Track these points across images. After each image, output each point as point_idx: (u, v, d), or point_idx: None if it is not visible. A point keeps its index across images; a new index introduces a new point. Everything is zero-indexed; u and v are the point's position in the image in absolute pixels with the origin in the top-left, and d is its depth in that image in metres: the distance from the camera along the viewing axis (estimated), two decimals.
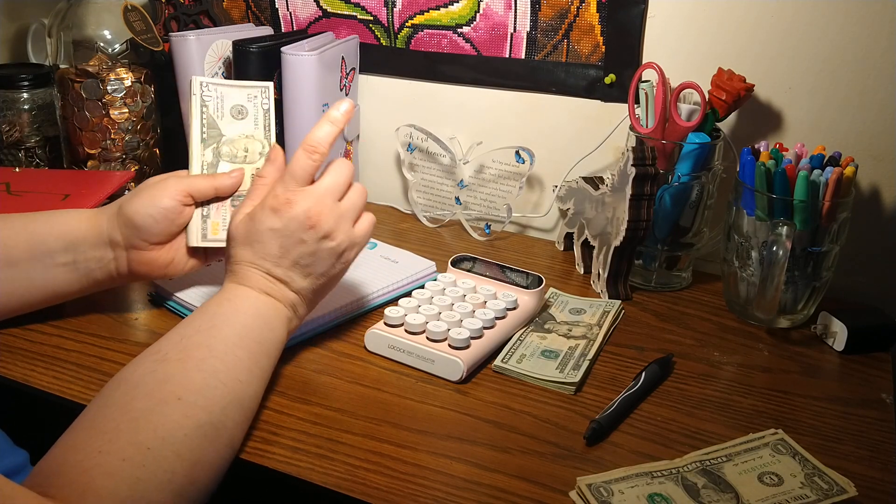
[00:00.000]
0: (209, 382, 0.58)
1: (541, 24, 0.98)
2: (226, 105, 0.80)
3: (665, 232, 0.89)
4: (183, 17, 1.17)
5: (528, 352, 0.75)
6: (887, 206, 0.89)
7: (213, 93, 0.79)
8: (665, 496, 0.57)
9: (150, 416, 0.54)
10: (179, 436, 0.54)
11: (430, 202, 1.08)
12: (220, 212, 0.76)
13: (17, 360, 0.71)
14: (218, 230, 0.75)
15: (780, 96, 0.90)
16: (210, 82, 0.79)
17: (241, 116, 0.79)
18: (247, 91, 0.80)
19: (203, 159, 0.78)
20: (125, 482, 0.49)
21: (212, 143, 0.78)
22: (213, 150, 0.78)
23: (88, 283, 0.74)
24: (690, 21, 0.91)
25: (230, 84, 0.80)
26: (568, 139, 1.02)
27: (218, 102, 0.79)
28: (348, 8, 1.07)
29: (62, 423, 0.54)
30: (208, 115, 0.79)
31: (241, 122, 0.79)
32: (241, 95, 0.80)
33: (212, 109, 0.79)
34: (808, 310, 0.83)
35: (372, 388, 0.70)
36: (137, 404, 0.55)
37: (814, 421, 0.68)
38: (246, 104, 0.80)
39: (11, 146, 1.11)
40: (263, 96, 0.81)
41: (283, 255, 0.66)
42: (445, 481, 0.58)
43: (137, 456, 0.51)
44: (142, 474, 0.50)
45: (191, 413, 0.55)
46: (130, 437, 0.52)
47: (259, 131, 0.79)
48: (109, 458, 0.50)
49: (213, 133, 0.79)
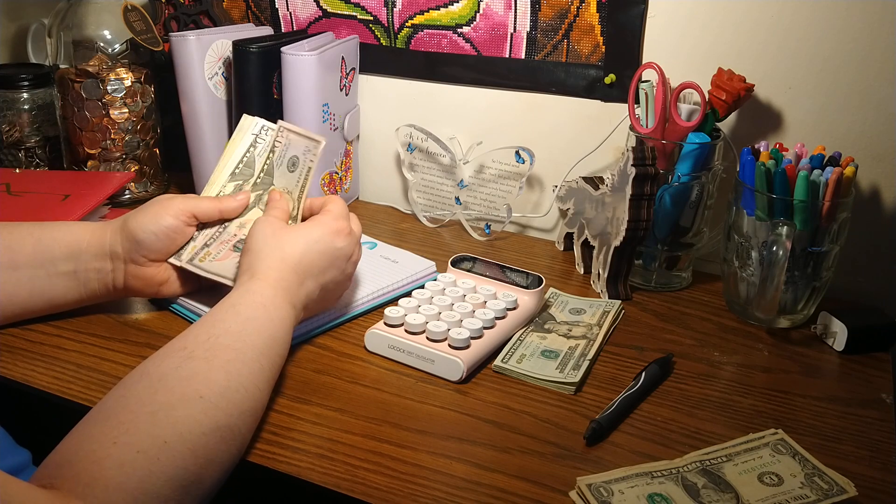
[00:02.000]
0: (232, 385, 0.58)
1: (541, 24, 0.98)
2: (288, 153, 0.79)
3: (665, 232, 0.89)
4: (183, 17, 1.17)
5: (528, 352, 0.75)
6: (887, 206, 0.89)
7: (284, 139, 0.78)
8: (665, 496, 0.57)
9: (171, 410, 0.54)
10: (197, 433, 0.54)
11: (430, 202, 1.08)
12: (218, 247, 0.76)
13: (17, 360, 0.71)
14: (206, 259, 0.75)
15: (780, 96, 0.90)
16: (287, 128, 0.77)
17: (293, 169, 0.79)
18: (305, 143, 0.78)
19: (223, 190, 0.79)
20: (136, 475, 0.49)
21: (258, 190, 0.79)
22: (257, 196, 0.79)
23: (86, 294, 0.75)
24: (690, 21, 0.91)
25: (299, 131, 0.78)
26: (568, 139, 1.02)
27: (284, 150, 0.78)
28: (348, 8, 1.07)
29: (62, 423, 0.54)
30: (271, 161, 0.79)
31: (291, 175, 0.78)
32: (301, 147, 0.79)
33: (276, 156, 0.79)
34: (808, 310, 0.83)
35: (372, 388, 0.70)
36: (159, 398, 0.55)
37: (814, 421, 0.68)
38: (301, 157, 0.79)
39: (11, 146, 1.11)
40: (313, 152, 0.79)
41: (321, 275, 0.71)
42: (445, 481, 0.58)
43: (153, 449, 0.51)
44: (154, 468, 0.50)
45: (210, 413, 0.55)
46: (148, 430, 0.52)
47: (296, 190, 0.78)
48: (124, 449, 0.50)
49: (265, 180, 0.79)
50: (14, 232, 0.72)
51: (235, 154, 0.79)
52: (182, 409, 0.54)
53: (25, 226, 0.74)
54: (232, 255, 0.76)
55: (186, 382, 0.56)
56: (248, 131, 0.80)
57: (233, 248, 0.76)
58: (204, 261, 0.75)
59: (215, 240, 0.76)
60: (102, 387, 0.67)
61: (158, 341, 0.74)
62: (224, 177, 0.79)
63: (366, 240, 0.95)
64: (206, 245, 0.76)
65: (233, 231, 0.77)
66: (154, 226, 0.73)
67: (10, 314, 0.73)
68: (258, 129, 0.80)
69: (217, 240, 0.76)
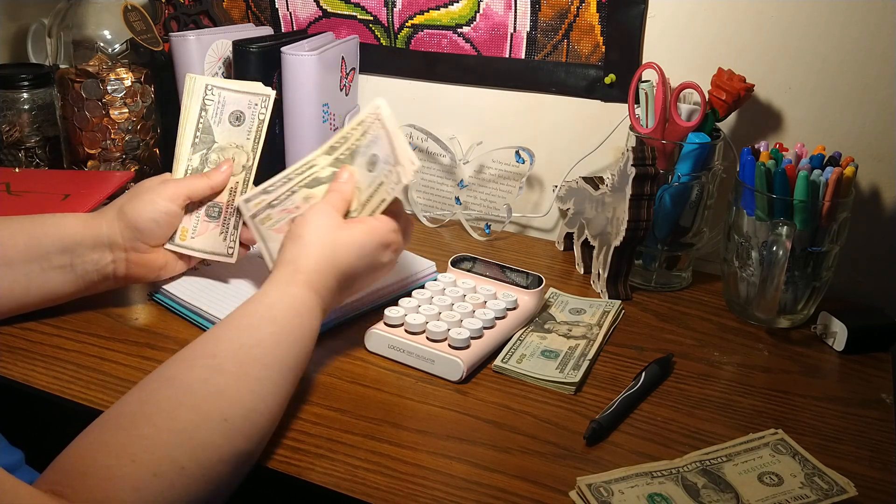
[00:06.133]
0: (258, 408, 0.57)
1: (541, 24, 0.98)
2: (226, 110, 0.77)
3: (665, 232, 0.89)
4: (183, 17, 1.17)
5: (528, 352, 0.75)
6: (887, 206, 0.89)
7: (215, 97, 0.76)
8: (665, 496, 0.57)
9: (194, 432, 0.52)
10: (215, 460, 0.52)
11: (430, 202, 1.08)
12: (190, 218, 0.75)
13: (17, 359, 0.71)
14: (186, 235, 0.74)
15: (780, 96, 0.90)
16: (215, 86, 0.75)
17: (238, 123, 0.77)
18: (249, 97, 0.77)
19: (189, 163, 0.77)
20: (150, 499, 0.48)
21: (202, 149, 0.77)
22: (202, 156, 0.77)
23: (84, 286, 0.74)
24: (690, 21, 0.91)
25: (235, 89, 0.77)
26: (568, 139, 1.02)
27: (218, 107, 0.77)
28: (348, 8, 1.07)
29: (62, 424, 0.54)
30: (206, 119, 0.76)
31: (236, 130, 0.77)
32: (243, 101, 0.77)
33: (210, 114, 0.76)
34: (808, 310, 0.83)
35: (372, 388, 0.70)
36: (183, 414, 0.53)
37: (814, 421, 0.68)
38: (245, 111, 0.77)
39: (11, 146, 1.11)
40: (263, 105, 0.78)
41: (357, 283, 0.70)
42: (445, 481, 0.58)
43: (170, 473, 0.50)
44: (168, 494, 0.49)
45: (232, 439, 0.54)
46: (168, 452, 0.50)
47: (249, 142, 0.77)
48: (141, 469, 0.49)
49: (205, 138, 0.77)
50: (5, 228, 0.72)
51: (189, 124, 0.76)
52: (205, 432, 0.53)
53: (16, 221, 0.73)
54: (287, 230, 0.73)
55: (213, 400, 0.55)
56: (197, 95, 0.77)
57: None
58: (264, 223, 0.74)
59: (279, 203, 0.74)
60: (103, 387, 0.67)
61: (158, 341, 0.74)
62: (186, 151, 0.77)
63: None
64: (270, 205, 0.74)
65: (297, 201, 0.74)
66: (153, 213, 0.73)
67: (6, 309, 0.73)
68: (202, 90, 0.77)
69: (281, 204, 0.74)
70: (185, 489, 0.50)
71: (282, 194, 0.74)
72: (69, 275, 0.73)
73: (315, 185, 0.74)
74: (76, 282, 0.74)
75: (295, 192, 0.74)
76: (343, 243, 0.67)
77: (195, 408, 0.54)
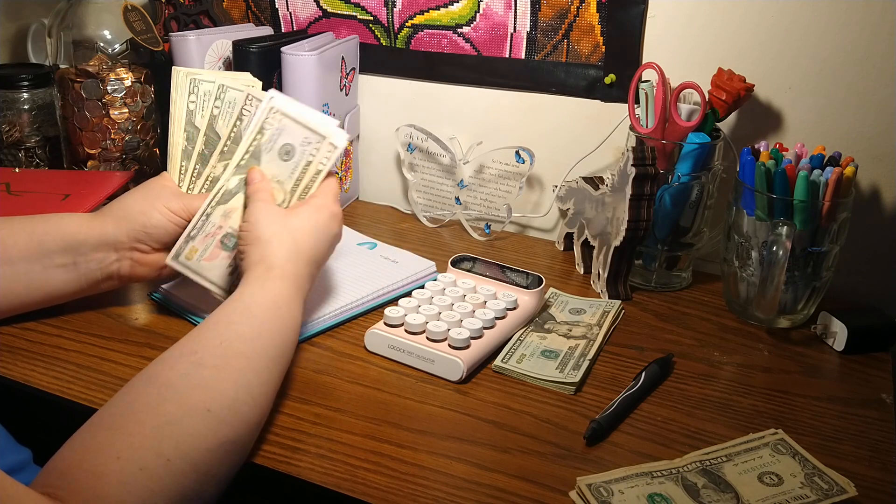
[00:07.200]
0: (241, 397, 0.57)
1: (541, 24, 0.98)
2: (280, 140, 0.72)
3: (665, 232, 0.89)
4: (183, 17, 1.17)
5: (528, 352, 0.75)
6: (887, 206, 0.89)
7: (275, 123, 0.71)
8: (665, 496, 0.57)
9: (177, 425, 0.53)
10: (202, 450, 0.53)
11: (430, 202, 1.08)
12: (204, 241, 0.73)
13: (17, 360, 0.71)
14: (194, 255, 0.73)
15: (780, 96, 0.90)
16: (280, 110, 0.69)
17: (287, 158, 0.72)
18: (305, 134, 0.71)
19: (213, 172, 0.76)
20: (137, 493, 0.49)
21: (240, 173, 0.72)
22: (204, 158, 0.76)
23: (86, 285, 0.75)
24: (690, 21, 0.91)
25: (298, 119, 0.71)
26: (568, 139, 1.02)
27: (275, 135, 0.72)
28: (348, 8, 1.07)
29: (62, 423, 0.54)
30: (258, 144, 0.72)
31: (284, 164, 0.72)
32: (299, 136, 0.71)
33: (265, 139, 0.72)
34: (808, 310, 0.83)
35: (372, 388, 0.70)
36: (166, 408, 0.54)
37: (814, 421, 0.68)
38: (297, 147, 0.72)
39: (11, 146, 1.11)
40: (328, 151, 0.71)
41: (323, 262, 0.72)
42: (445, 481, 0.58)
43: (156, 467, 0.50)
44: (156, 486, 0.50)
45: (217, 428, 0.55)
46: (153, 446, 0.51)
47: (289, 182, 0.71)
48: (128, 465, 0.49)
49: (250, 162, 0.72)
50: (6, 227, 0.72)
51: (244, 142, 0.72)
52: (188, 424, 0.53)
53: (17, 220, 0.73)
54: (221, 253, 0.73)
55: (195, 392, 0.55)
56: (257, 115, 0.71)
57: (220, 245, 0.73)
58: (191, 258, 0.73)
59: (199, 231, 0.73)
60: (103, 387, 0.67)
61: (158, 341, 0.74)
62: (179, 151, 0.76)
63: (365, 240, 0.95)
64: (189, 238, 0.73)
65: (217, 221, 0.73)
66: (160, 213, 0.73)
67: (8, 308, 0.73)
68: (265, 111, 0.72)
69: (201, 232, 0.73)
70: (172, 481, 0.51)
71: (196, 223, 0.72)
72: (71, 274, 0.73)
73: (228, 198, 0.73)
74: (78, 281, 0.74)
75: (210, 213, 0.73)
76: (299, 228, 0.69)
77: (177, 401, 0.55)
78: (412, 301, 0.77)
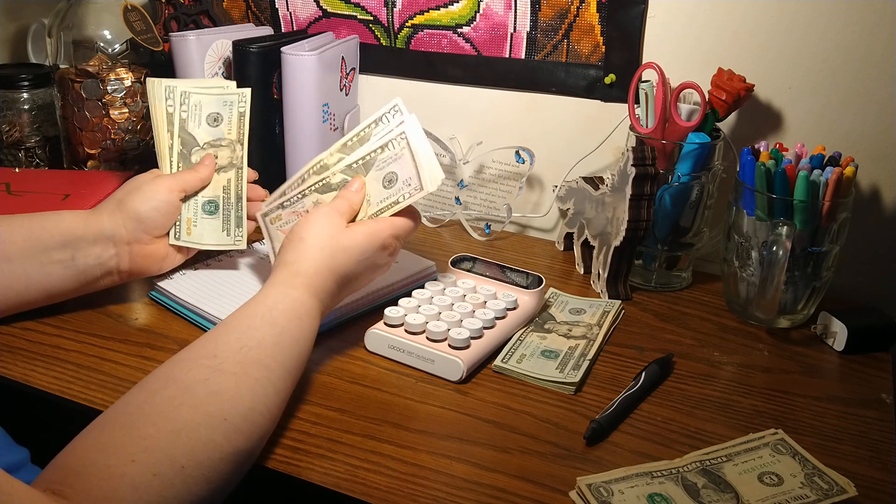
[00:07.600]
0: (257, 408, 0.57)
1: (541, 24, 0.98)
2: (203, 113, 0.80)
3: (665, 232, 0.89)
4: (183, 17, 1.17)
5: (528, 352, 0.75)
6: (887, 206, 0.89)
7: (188, 102, 0.79)
8: (665, 496, 0.57)
9: (193, 432, 0.52)
10: (216, 459, 0.53)
11: (430, 202, 1.08)
12: (290, 216, 0.75)
13: (17, 359, 0.71)
14: (276, 223, 0.76)
15: (780, 96, 0.90)
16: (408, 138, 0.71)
17: (217, 123, 0.80)
18: (223, 98, 0.81)
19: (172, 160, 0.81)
20: (149, 499, 0.48)
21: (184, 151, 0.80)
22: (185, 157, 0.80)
23: (85, 281, 0.75)
24: (690, 21, 0.91)
25: (207, 92, 0.80)
26: (568, 139, 1.02)
27: (195, 112, 0.80)
28: (348, 8, 1.07)
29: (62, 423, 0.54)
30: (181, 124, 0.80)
31: (216, 128, 0.80)
32: (218, 102, 0.81)
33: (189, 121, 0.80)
34: (808, 310, 0.83)
35: (372, 388, 0.70)
36: (183, 414, 0.53)
37: (814, 421, 0.68)
38: (221, 110, 0.81)
39: (11, 146, 1.11)
40: (240, 102, 0.81)
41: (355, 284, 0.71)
42: (445, 481, 0.58)
43: (170, 474, 0.50)
44: (168, 493, 0.49)
45: (232, 438, 0.54)
46: (168, 452, 0.51)
47: (374, 209, 0.73)
48: (141, 469, 0.49)
49: (187, 139, 0.80)
50: (3, 225, 0.72)
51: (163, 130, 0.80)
52: (205, 432, 0.53)
53: (15, 218, 0.73)
54: None
55: (212, 399, 0.55)
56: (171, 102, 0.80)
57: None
58: (274, 223, 0.76)
59: (291, 204, 0.75)
60: (102, 387, 0.67)
61: (158, 341, 0.74)
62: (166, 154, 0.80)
63: None
64: (282, 205, 0.75)
65: (307, 205, 0.74)
66: (154, 202, 0.75)
67: (7, 306, 0.73)
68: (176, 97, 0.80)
69: (292, 205, 0.75)
70: (185, 488, 0.50)
71: (293, 196, 0.75)
72: (70, 270, 0.73)
73: (325, 191, 0.74)
74: (77, 277, 0.74)
75: (306, 195, 0.74)
76: (343, 247, 0.68)
77: (195, 407, 0.54)
78: (412, 301, 0.77)
